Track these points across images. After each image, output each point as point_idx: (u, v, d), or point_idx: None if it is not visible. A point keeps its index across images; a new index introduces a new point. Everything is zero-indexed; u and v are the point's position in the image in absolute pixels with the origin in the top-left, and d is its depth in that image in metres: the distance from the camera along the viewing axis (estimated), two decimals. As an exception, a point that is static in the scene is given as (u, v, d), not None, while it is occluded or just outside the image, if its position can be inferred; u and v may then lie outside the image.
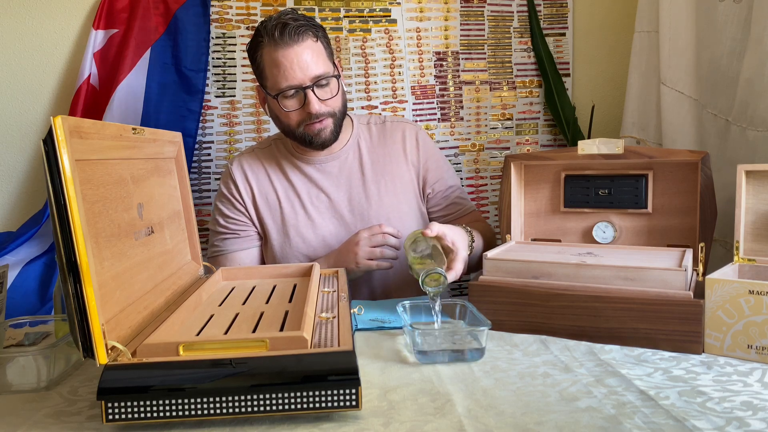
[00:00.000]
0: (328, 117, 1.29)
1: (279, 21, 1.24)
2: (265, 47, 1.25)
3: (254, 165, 1.41)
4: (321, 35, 1.29)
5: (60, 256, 0.68)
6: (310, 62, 1.24)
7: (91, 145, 0.76)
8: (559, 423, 0.70)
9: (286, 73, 1.24)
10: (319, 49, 1.27)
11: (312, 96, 1.25)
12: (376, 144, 1.42)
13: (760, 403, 0.74)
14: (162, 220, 1.01)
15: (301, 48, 1.23)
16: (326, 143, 1.33)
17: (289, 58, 1.23)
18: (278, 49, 1.23)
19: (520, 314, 1.03)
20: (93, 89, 1.71)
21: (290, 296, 1.00)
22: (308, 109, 1.26)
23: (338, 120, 1.32)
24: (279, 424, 0.71)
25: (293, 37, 1.23)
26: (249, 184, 1.40)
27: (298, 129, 1.30)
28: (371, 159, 1.41)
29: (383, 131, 1.44)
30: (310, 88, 1.25)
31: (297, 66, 1.23)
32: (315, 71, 1.25)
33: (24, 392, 0.82)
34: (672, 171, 1.13)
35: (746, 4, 1.30)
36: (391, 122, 1.46)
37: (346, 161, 1.40)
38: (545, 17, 1.91)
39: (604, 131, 1.91)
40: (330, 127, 1.30)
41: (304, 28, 1.24)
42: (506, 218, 1.23)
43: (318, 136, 1.30)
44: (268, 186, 1.39)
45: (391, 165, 1.41)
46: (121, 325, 0.76)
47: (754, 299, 0.87)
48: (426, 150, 1.44)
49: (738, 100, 1.31)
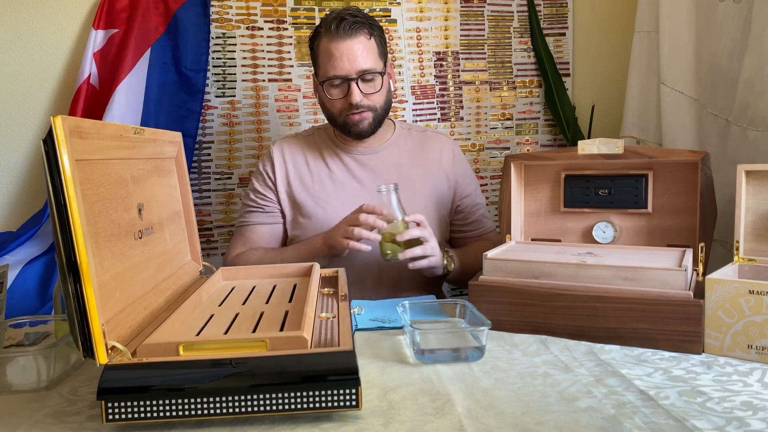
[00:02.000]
0: (368, 110, 1.36)
1: (339, 15, 1.33)
2: (322, 38, 1.34)
3: (294, 148, 1.48)
4: (376, 34, 1.37)
5: (60, 256, 0.68)
6: (359, 56, 1.32)
7: (91, 145, 0.76)
8: (559, 423, 0.70)
9: (335, 63, 1.32)
10: (371, 46, 1.35)
11: (355, 88, 1.33)
12: (414, 149, 1.49)
13: (760, 403, 0.74)
14: (162, 220, 1.01)
15: (353, 42, 1.31)
16: (363, 134, 1.39)
17: (341, 50, 1.31)
18: (332, 40, 1.32)
19: (520, 314, 1.03)
20: (93, 89, 1.71)
21: (290, 296, 1.00)
22: (350, 99, 1.33)
23: (378, 115, 1.39)
24: (279, 424, 0.71)
25: (347, 31, 1.31)
26: (285, 165, 1.46)
27: (339, 117, 1.38)
28: (408, 161, 1.46)
29: (423, 139, 1.51)
30: (355, 80, 1.32)
31: (346, 58, 1.31)
32: (362, 65, 1.32)
33: (24, 392, 0.82)
34: (672, 171, 1.13)
35: (746, 4, 1.31)
36: (432, 133, 1.54)
37: (384, 157, 1.46)
38: (545, 17, 1.91)
39: (604, 131, 1.91)
40: (369, 120, 1.37)
41: (359, 25, 1.32)
42: (506, 218, 1.23)
43: (356, 126, 1.37)
44: (305, 168, 1.46)
45: (426, 171, 1.46)
46: (121, 325, 0.76)
47: (754, 299, 0.87)
48: (460, 165, 1.51)
49: (738, 100, 1.31)
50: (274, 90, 1.84)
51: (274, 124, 1.85)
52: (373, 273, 1.39)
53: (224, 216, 1.85)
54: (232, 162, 1.84)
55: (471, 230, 1.50)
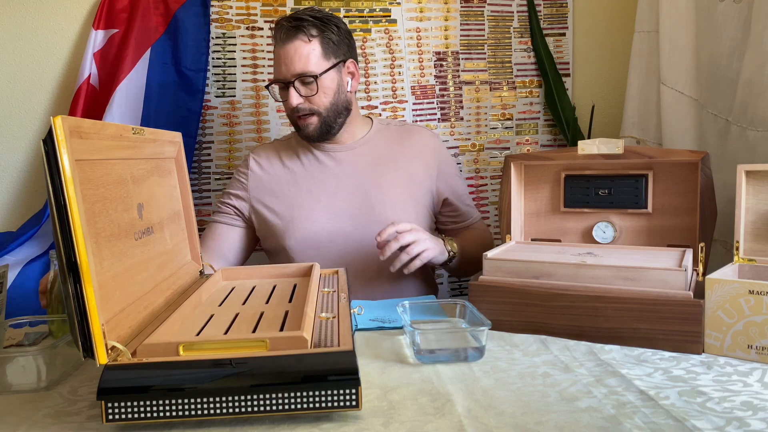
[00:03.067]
0: (312, 114, 1.38)
1: (279, 20, 1.37)
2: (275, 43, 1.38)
3: (270, 154, 1.51)
4: (322, 35, 1.35)
5: (60, 256, 0.68)
6: (296, 60, 1.33)
7: (91, 145, 0.76)
8: (559, 423, 0.70)
9: (277, 68, 1.37)
10: (311, 48, 1.34)
11: (291, 91, 1.35)
12: (394, 141, 1.49)
13: (760, 403, 0.74)
14: (162, 220, 1.01)
15: (291, 46, 1.34)
16: (311, 137, 1.41)
17: (280, 54, 1.35)
18: (277, 45, 1.36)
19: (520, 314, 1.03)
20: (93, 89, 1.71)
21: (290, 296, 1.00)
22: (289, 102, 1.36)
23: (326, 118, 1.39)
24: (279, 424, 0.71)
25: (287, 36, 1.34)
26: (261, 170, 1.48)
27: (291, 119, 1.42)
28: (387, 153, 1.47)
29: (402, 132, 1.52)
30: (292, 84, 1.35)
31: (284, 62, 1.34)
32: (296, 69, 1.34)
33: (24, 392, 0.82)
34: (672, 171, 1.13)
35: (746, 4, 1.30)
36: (412, 126, 1.56)
37: (360, 153, 1.47)
38: (545, 17, 1.91)
39: (604, 131, 1.91)
40: (314, 123, 1.39)
41: (297, 30, 1.33)
42: (506, 218, 1.23)
43: (303, 130, 1.40)
44: (281, 170, 1.47)
45: (406, 163, 1.46)
46: (121, 325, 0.76)
47: (754, 299, 0.87)
48: (442, 157, 1.52)
49: (738, 100, 1.31)
50: (274, 90, 1.84)
51: (274, 124, 1.85)
52: (372, 268, 1.39)
53: (224, 216, 1.84)
54: (232, 162, 1.84)
55: (461, 221, 1.51)
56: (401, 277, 1.40)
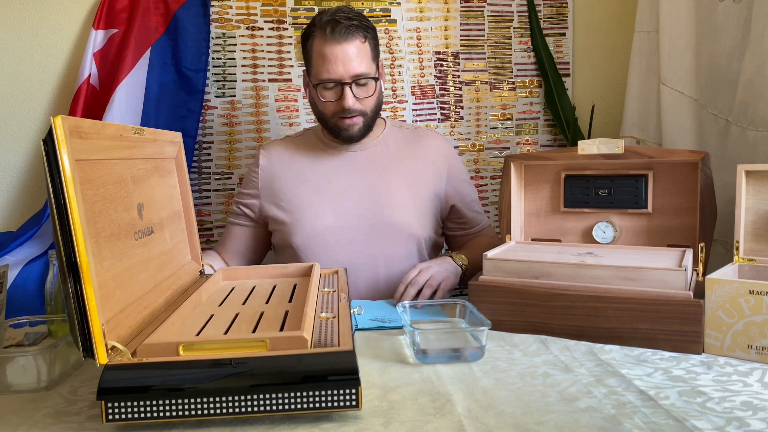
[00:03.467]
0: (359, 115, 1.36)
1: (333, 18, 1.31)
2: (316, 38, 1.33)
3: (281, 151, 1.49)
4: (370, 36, 1.36)
5: (60, 256, 0.68)
6: (353, 61, 1.31)
7: (91, 145, 0.76)
8: (559, 423, 0.70)
9: (329, 67, 1.31)
10: (365, 50, 1.34)
11: (349, 92, 1.32)
12: (404, 144, 1.49)
13: (760, 403, 0.74)
14: (162, 220, 1.01)
15: (348, 46, 1.30)
16: (353, 138, 1.40)
17: (335, 53, 1.30)
18: (326, 43, 1.30)
19: (520, 314, 1.03)
20: (93, 89, 1.71)
21: (290, 296, 1.00)
22: (343, 103, 1.33)
23: (369, 119, 1.39)
24: (279, 424, 0.71)
25: (343, 35, 1.30)
26: (272, 169, 1.46)
27: (331, 120, 1.38)
28: (398, 156, 1.47)
29: (413, 135, 1.51)
30: (349, 84, 1.32)
31: (341, 62, 1.30)
32: (357, 70, 1.31)
33: (24, 392, 0.82)
34: (672, 171, 1.13)
35: (746, 4, 1.31)
36: (423, 130, 1.55)
37: (372, 154, 1.46)
38: (545, 17, 1.91)
39: (604, 131, 1.91)
40: (359, 124, 1.37)
41: (355, 28, 1.31)
42: (506, 218, 1.23)
43: (347, 131, 1.37)
44: (291, 171, 1.46)
45: (415, 166, 1.46)
46: (121, 325, 0.76)
47: (754, 299, 0.87)
48: (452, 162, 1.51)
49: (738, 100, 1.31)
50: (274, 90, 1.84)
51: (274, 124, 1.85)
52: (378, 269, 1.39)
53: (224, 216, 1.84)
54: (232, 162, 1.84)
55: (469, 227, 1.50)
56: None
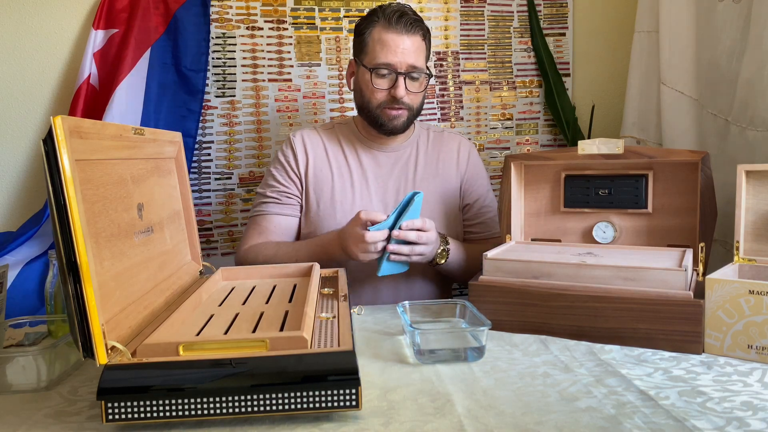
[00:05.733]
0: (406, 108, 1.37)
1: (400, 9, 1.35)
2: (378, 26, 1.35)
3: (314, 139, 1.48)
4: (428, 39, 1.40)
5: (60, 256, 0.68)
6: (412, 53, 1.34)
7: (91, 145, 0.76)
8: (559, 423, 0.70)
9: (388, 53, 1.33)
10: (423, 47, 1.38)
11: (402, 82, 1.34)
12: (431, 148, 1.50)
13: (760, 403, 0.74)
14: (162, 220, 1.01)
15: (410, 38, 1.34)
16: (395, 131, 1.40)
17: (396, 42, 1.33)
18: (390, 31, 1.34)
19: (520, 314, 1.03)
20: (93, 89, 1.71)
21: (290, 296, 1.00)
22: (394, 92, 1.34)
23: (412, 116, 1.41)
24: (279, 424, 0.71)
25: (407, 27, 1.34)
26: (306, 155, 1.45)
27: (376, 109, 1.38)
28: (425, 160, 1.48)
29: (440, 138, 1.52)
30: (404, 75, 1.34)
31: (400, 51, 1.33)
32: (413, 62, 1.34)
33: (24, 392, 0.82)
34: (672, 171, 1.13)
35: (746, 4, 1.31)
36: (449, 133, 1.55)
37: (401, 156, 1.47)
38: (545, 17, 1.91)
39: (604, 131, 1.91)
40: (404, 118, 1.38)
41: (419, 25, 1.36)
42: (506, 218, 1.23)
43: (391, 122, 1.38)
44: (324, 160, 1.45)
45: (442, 169, 1.48)
46: (121, 325, 0.76)
47: (754, 299, 0.87)
48: (474, 166, 1.51)
49: (738, 100, 1.31)
50: (274, 90, 1.84)
51: (274, 124, 1.85)
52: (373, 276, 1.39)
53: (224, 216, 1.84)
54: (232, 162, 1.84)
55: (477, 232, 1.49)
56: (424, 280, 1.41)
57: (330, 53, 1.86)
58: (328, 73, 1.86)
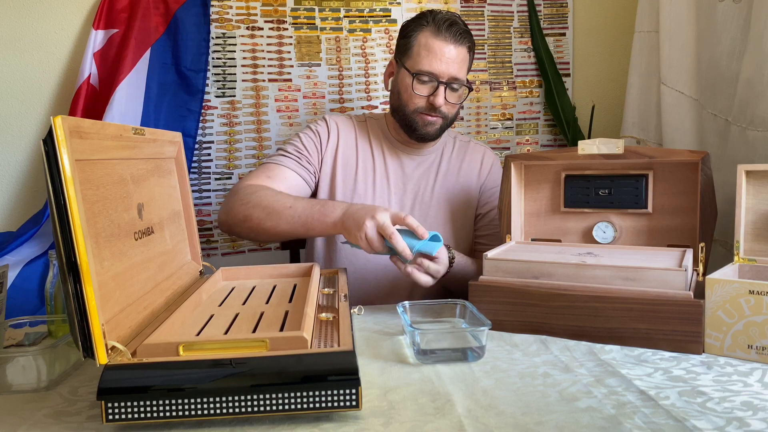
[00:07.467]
0: (441, 117, 1.37)
1: (451, 18, 1.35)
2: (426, 31, 1.34)
3: (348, 127, 1.48)
4: (472, 51, 1.40)
5: (60, 256, 0.68)
6: (456, 64, 1.33)
7: (91, 145, 0.76)
8: (559, 423, 0.70)
9: (433, 60, 1.32)
10: (467, 60, 1.38)
11: (442, 91, 1.34)
12: (456, 156, 1.50)
13: (760, 403, 0.74)
14: (162, 220, 1.01)
15: (456, 49, 1.33)
16: (426, 137, 1.40)
17: (443, 50, 1.32)
18: (438, 38, 1.32)
19: (520, 314, 1.03)
20: (93, 89, 1.71)
21: (290, 296, 1.00)
22: (433, 100, 1.34)
23: (445, 126, 1.41)
24: (279, 424, 0.71)
25: (456, 37, 1.33)
26: (338, 138, 1.45)
27: (412, 113, 1.37)
28: (448, 168, 1.48)
29: (466, 147, 1.52)
30: (445, 84, 1.33)
31: (445, 60, 1.32)
32: (456, 73, 1.34)
33: (24, 392, 0.82)
34: (672, 171, 1.13)
35: (746, 4, 1.31)
36: (475, 144, 1.56)
37: (424, 162, 1.48)
38: (545, 17, 1.91)
39: (604, 131, 1.91)
40: (437, 126, 1.38)
41: (468, 37, 1.36)
42: (506, 218, 1.23)
43: (425, 128, 1.38)
44: (353, 150, 1.45)
45: (464, 178, 1.48)
46: (121, 325, 0.76)
47: (754, 299, 0.87)
48: (493, 179, 1.50)
49: (738, 100, 1.31)
50: (274, 90, 1.84)
51: (274, 124, 1.85)
52: (374, 275, 1.39)
53: (224, 216, 1.84)
54: (232, 162, 1.84)
55: (485, 244, 1.47)
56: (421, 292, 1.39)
57: (330, 53, 1.86)
58: (328, 73, 1.86)
